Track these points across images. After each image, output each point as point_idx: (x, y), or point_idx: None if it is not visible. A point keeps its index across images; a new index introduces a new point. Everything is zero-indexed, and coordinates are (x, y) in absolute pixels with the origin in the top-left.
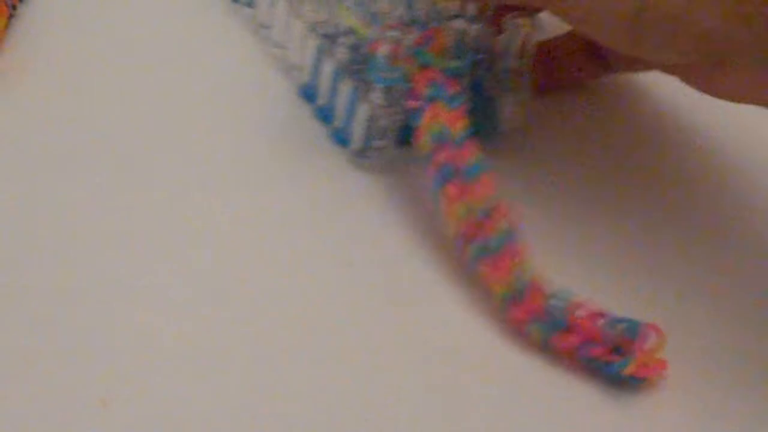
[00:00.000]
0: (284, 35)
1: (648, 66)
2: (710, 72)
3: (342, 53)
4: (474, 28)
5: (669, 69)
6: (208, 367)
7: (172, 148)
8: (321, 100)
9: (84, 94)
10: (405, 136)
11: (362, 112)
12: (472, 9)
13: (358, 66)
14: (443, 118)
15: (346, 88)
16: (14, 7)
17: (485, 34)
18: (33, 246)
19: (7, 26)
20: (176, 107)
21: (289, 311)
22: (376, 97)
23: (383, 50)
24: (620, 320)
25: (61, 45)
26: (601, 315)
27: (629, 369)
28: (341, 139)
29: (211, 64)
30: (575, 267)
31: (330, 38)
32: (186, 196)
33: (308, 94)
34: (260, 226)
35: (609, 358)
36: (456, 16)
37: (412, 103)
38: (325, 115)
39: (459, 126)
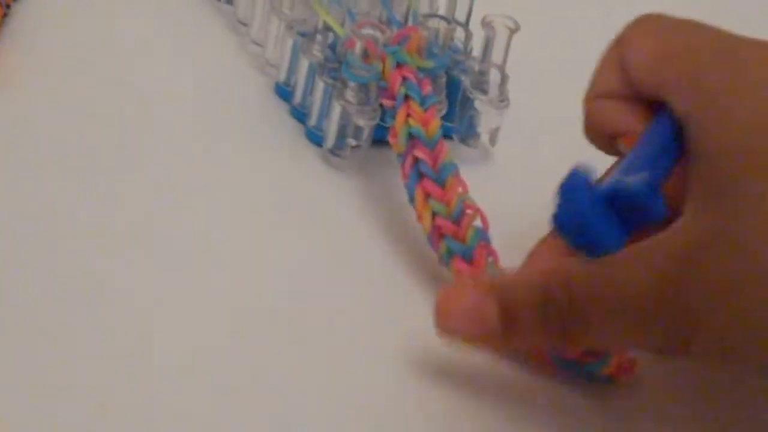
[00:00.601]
0: (262, 32)
1: None
2: None
3: (318, 51)
4: (450, 28)
5: None
6: (206, 372)
7: (152, 147)
8: (297, 99)
9: (78, 94)
10: (379, 135)
11: (336, 110)
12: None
13: (334, 65)
14: (417, 118)
15: (320, 87)
16: (8, 6)
17: (465, 35)
18: (29, 248)
19: (1, 25)
20: (157, 106)
21: (278, 314)
22: (350, 95)
23: (358, 48)
24: None
25: (54, 44)
26: None
27: (606, 369)
28: (316, 137)
29: (190, 61)
30: None
31: (307, 36)
32: (164, 194)
33: (284, 92)
34: (234, 226)
35: (584, 359)
36: (432, 16)
37: (386, 102)
38: (300, 114)
39: (432, 127)
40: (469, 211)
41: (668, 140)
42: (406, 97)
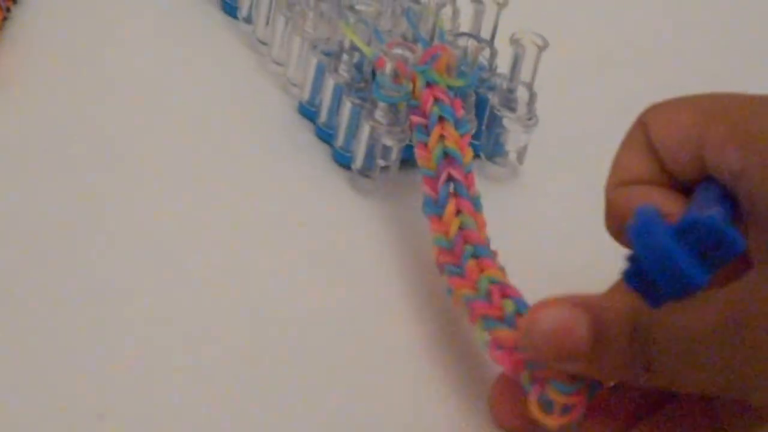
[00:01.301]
0: (283, 52)
1: None
2: None
3: (344, 71)
4: (480, 46)
5: None
6: (205, 380)
7: (171, 169)
8: (322, 119)
9: (77, 96)
10: (406, 155)
11: (364, 130)
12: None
13: (361, 84)
14: (452, 140)
15: (348, 107)
16: (8, 10)
17: (490, 52)
18: (29, 252)
19: (1, 28)
20: (172, 121)
21: (286, 327)
22: (380, 115)
23: (388, 68)
24: None
25: (54, 47)
26: None
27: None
28: (343, 158)
29: (209, 80)
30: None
31: (332, 56)
32: (183, 212)
33: (308, 112)
34: (256, 246)
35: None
36: (461, 34)
37: (417, 119)
38: (325, 134)
39: (468, 153)
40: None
41: (722, 199)
42: (440, 118)
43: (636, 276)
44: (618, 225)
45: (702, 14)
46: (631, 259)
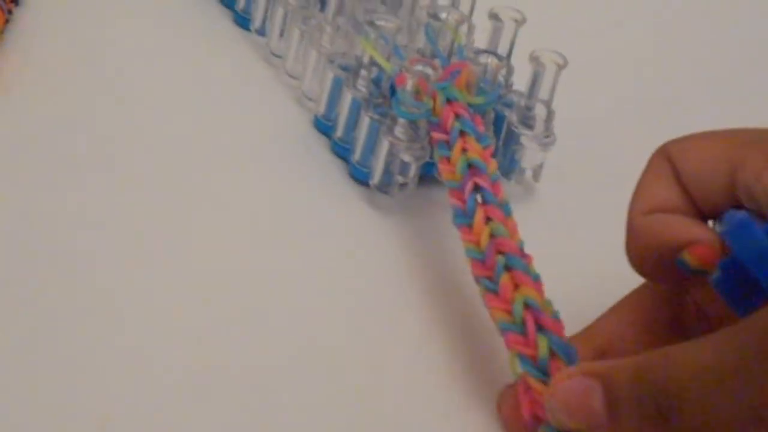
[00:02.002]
0: (298, 65)
1: None
2: None
3: (363, 87)
4: (500, 64)
5: None
6: (207, 386)
7: (178, 180)
8: (338, 133)
9: (79, 98)
10: (426, 172)
11: (383, 146)
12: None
13: (379, 100)
14: (476, 152)
15: (366, 122)
16: (10, 12)
17: (506, 69)
18: (30, 257)
19: (2, 30)
20: (182, 134)
21: (299, 342)
22: (400, 132)
23: (409, 85)
24: None
25: (56, 49)
26: None
27: None
28: (360, 174)
29: (219, 89)
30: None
31: (349, 71)
32: (196, 226)
33: (323, 126)
34: (270, 261)
35: None
36: (482, 51)
37: (438, 135)
38: (341, 149)
39: (493, 164)
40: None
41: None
42: (462, 132)
43: (727, 283)
44: (641, 252)
45: (724, 29)
46: (724, 266)
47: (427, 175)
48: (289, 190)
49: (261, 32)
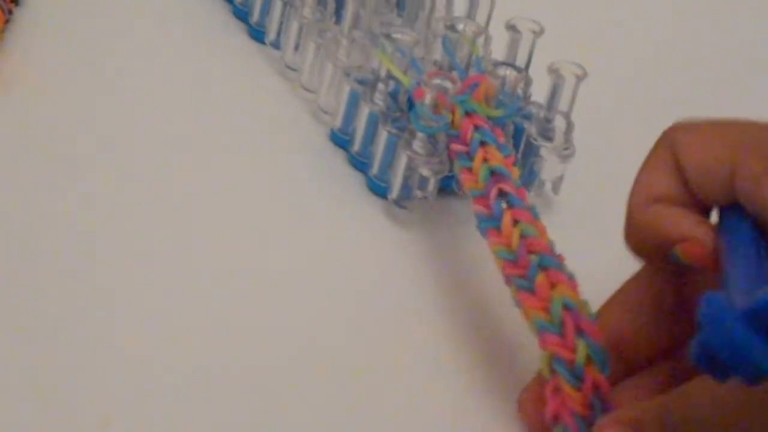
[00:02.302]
0: (313, 78)
1: None
2: None
3: (380, 100)
4: (520, 77)
5: None
6: (208, 387)
7: (193, 194)
8: (355, 147)
9: (79, 98)
10: (445, 185)
11: (401, 160)
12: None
13: (396, 113)
14: (497, 160)
15: (384, 136)
16: (10, 12)
17: (525, 82)
18: (30, 257)
19: (3, 30)
20: (196, 147)
21: (312, 353)
22: (418, 146)
23: (428, 98)
24: None
25: (57, 49)
26: None
27: None
28: (378, 187)
29: (234, 101)
30: None
31: (366, 84)
32: (210, 238)
33: (340, 139)
34: (288, 274)
35: None
36: (501, 63)
37: (458, 147)
38: (359, 163)
39: (515, 171)
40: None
41: (752, 231)
42: (482, 143)
43: (705, 359)
44: (643, 242)
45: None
46: (700, 344)
47: (446, 189)
48: (307, 203)
49: (276, 45)
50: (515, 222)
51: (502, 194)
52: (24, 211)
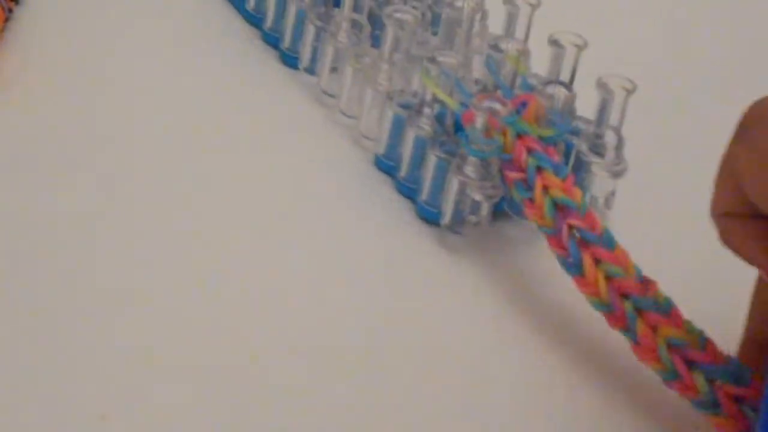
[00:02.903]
0: (352, 103)
1: None
2: None
3: (426, 125)
4: (571, 95)
5: None
6: (207, 381)
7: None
8: (402, 173)
9: (80, 97)
10: (497, 208)
11: (453, 185)
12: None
13: (443, 137)
14: (558, 188)
15: (432, 161)
16: (10, 10)
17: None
18: (29, 254)
19: (3, 29)
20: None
21: (354, 381)
22: (470, 170)
23: (479, 122)
24: None
25: (57, 48)
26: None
27: None
28: (428, 213)
29: (271, 129)
30: None
31: (410, 108)
32: (249, 263)
33: (385, 165)
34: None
35: None
36: (550, 82)
37: (513, 175)
38: (406, 188)
39: (578, 195)
40: (648, 280)
41: None
42: (538, 168)
43: None
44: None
45: None
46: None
47: (498, 210)
48: (355, 232)
49: (310, 71)
50: (596, 262)
51: (571, 229)
52: (24, 211)
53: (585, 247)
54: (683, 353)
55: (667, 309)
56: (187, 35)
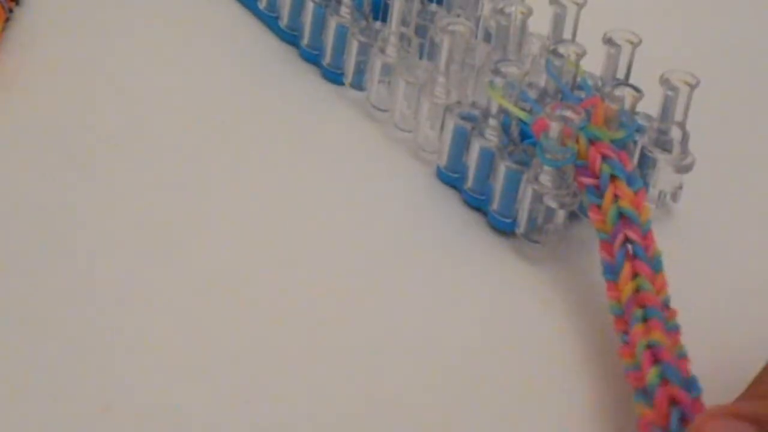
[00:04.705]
0: (407, 117)
1: None
2: None
3: (493, 136)
4: (638, 96)
5: None
6: (210, 372)
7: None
8: (469, 184)
9: (80, 98)
10: (571, 216)
11: (528, 195)
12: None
13: (510, 147)
14: (628, 200)
15: (502, 171)
16: (10, 11)
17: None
18: (31, 251)
19: (3, 29)
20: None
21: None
22: (545, 179)
23: (555, 132)
24: None
25: (57, 48)
26: None
27: None
28: (500, 223)
29: (327, 148)
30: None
31: (474, 120)
32: (311, 284)
33: (449, 178)
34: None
35: None
36: (618, 84)
37: (587, 181)
38: (474, 200)
39: (645, 211)
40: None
41: None
42: (612, 177)
43: None
44: None
45: None
46: None
47: (575, 214)
48: (427, 246)
49: (356, 85)
50: (634, 275)
51: (627, 240)
52: (23, 210)
53: (631, 259)
54: (656, 352)
55: (672, 329)
56: (217, 51)
